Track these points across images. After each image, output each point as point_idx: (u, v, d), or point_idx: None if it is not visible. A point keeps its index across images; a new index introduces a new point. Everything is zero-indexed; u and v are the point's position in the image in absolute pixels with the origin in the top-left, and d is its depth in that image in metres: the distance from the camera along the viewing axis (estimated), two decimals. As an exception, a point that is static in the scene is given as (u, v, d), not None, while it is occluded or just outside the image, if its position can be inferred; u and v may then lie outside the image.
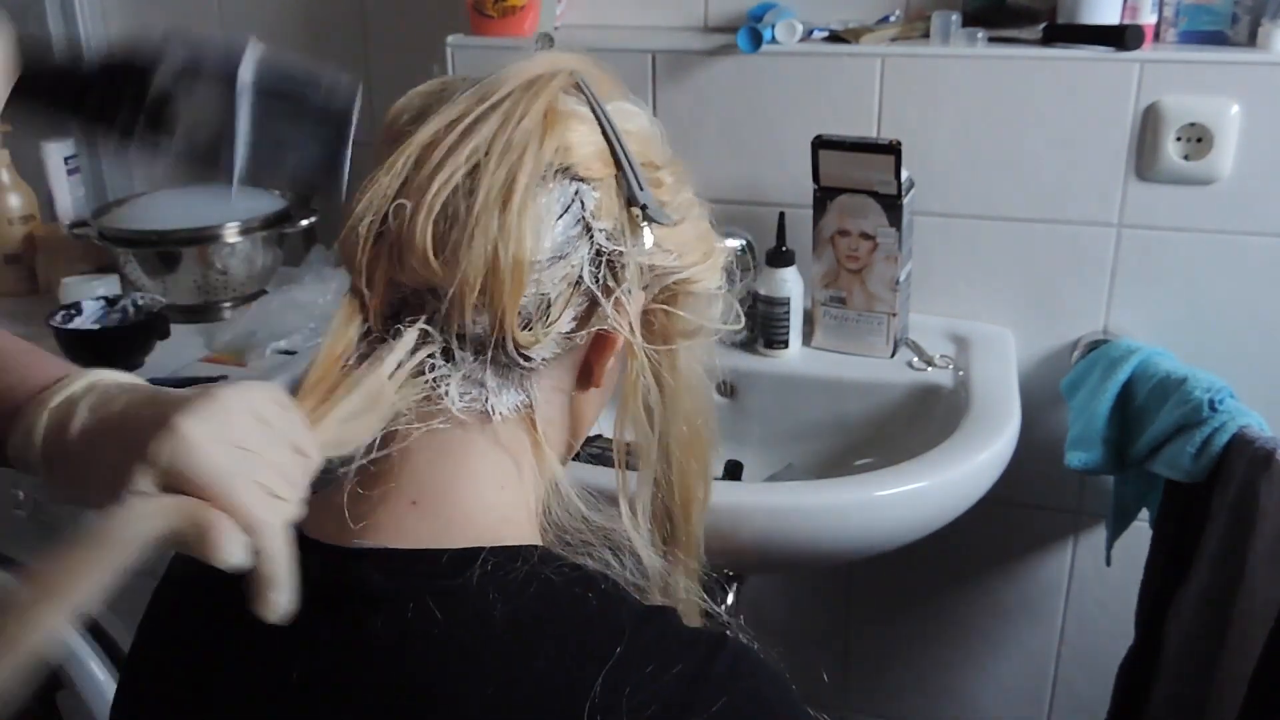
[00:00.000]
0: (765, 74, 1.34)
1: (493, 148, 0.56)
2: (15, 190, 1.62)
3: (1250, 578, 1.09)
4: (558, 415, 0.63)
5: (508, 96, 0.58)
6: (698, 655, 0.54)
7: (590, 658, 0.52)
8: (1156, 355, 1.25)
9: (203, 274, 1.47)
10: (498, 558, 0.55)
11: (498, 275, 0.55)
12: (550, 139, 0.57)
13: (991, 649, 1.57)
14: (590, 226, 0.58)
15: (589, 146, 0.58)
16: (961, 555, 1.50)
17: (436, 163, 0.56)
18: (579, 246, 0.58)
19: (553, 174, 0.57)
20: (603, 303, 0.59)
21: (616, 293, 0.60)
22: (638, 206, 0.59)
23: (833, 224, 1.30)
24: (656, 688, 0.52)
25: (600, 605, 0.55)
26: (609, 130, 0.59)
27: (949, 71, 1.29)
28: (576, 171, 0.57)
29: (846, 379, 1.32)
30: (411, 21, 1.54)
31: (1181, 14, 1.25)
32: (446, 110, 0.58)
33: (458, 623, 0.54)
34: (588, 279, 0.59)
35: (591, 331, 0.60)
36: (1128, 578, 1.29)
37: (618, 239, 0.59)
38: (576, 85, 0.60)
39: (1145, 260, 1.30)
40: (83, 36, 1.68)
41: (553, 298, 0.58)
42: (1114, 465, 1.26)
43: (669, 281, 0.64)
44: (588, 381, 0.63)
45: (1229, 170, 1.24)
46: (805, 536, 1.09)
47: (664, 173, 0.63)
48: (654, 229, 0.61)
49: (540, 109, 0.57)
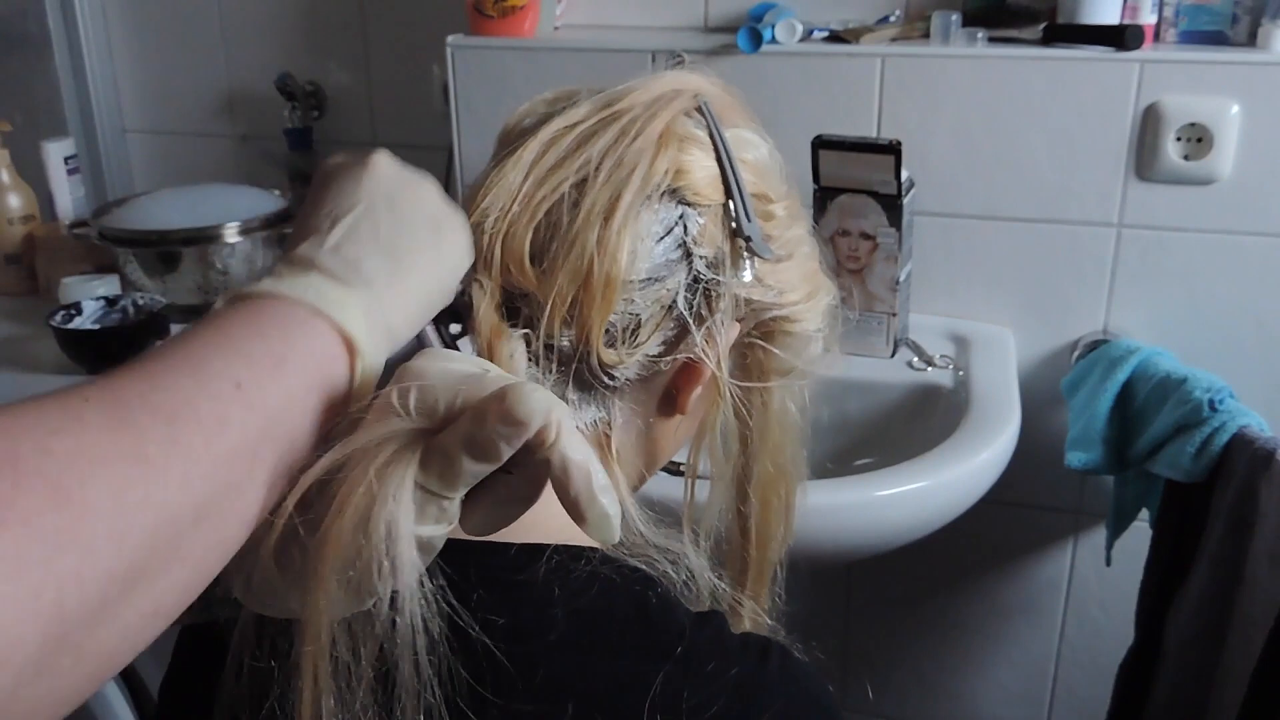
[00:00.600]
0: (765, 74, 1.34)
1: (604, 162, 0.56)
2: (15, 190, 1.62)
3: (1250, 578, 1.09)
4: (634, 438, 0.63)
5: (627, 111, 0.58)
6: (752, 658, 0.55)
7: (651, 655, 0.53)
8: (1156, 355, 1.25)
9: (203, 274, 1.47)
10: (561, 555, 0.56)
11: (589, 290, 0.55)
12: (662, 159, 0.56)
13: (991, 649, 1.57)
14: (691, 252, 0.58)
15: (701, 171, 0.58)
16: (961, 555, 1.50)
17: (549, 168, 0.56)
18: (676, 270, 0.57)
19: (659, 194, 0.56)
20: (693, 330, 0.59)
21: (708, 322, 0.59)
22: (742, 238, 0.58)
23: (833, 224, 1.30)
24: (715, 689, 0.52)
25: (660, 605, 0.56)
26: (723, 156, 0.58)
27: (949, 71, 1.29)
28: (684, 195, 0.57)
29: (846, 379, 1.32)
30: (411, 21, 1.54)
31: (1181, 14, 1.25)
32: (570, 113, 0.58)
33: (521, 613, 0.54)
34: (681, 304, 0.58)
35: (678, 359, 0.60)
36: (1128, 578, 1.29)
37: (718, 268, 0.58)
38: (699, 109, 0.59)
39: (1145, 260, 1.30)
40: (83, 36, 1.68)
41: (643, 319, 0.57)
42: (1114, 465, 1.26)
43: (766, 318, 0.63)
44: (671, 409, 0.62)
45: (1229, 170, 1.24)
46: (805, 536, 1.08)
47: (777, 207, 0.62)
48: (756, 263, 0.60)
49: (657, 128, 0.57)
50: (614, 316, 0.56)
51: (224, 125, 1.72)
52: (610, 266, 0.55)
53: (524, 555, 0.56)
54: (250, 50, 1.66)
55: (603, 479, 0.45)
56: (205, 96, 1.71)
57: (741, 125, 0.62)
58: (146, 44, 1.72)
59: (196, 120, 1.73)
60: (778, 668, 0.55)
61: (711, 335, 0.59)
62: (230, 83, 1.70)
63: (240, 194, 1.55)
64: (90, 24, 1.70)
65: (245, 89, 1.69)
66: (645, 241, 0.56)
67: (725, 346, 0.60)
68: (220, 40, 1.68)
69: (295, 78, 1.62)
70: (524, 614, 0.54)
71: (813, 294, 0.65)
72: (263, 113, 1.67)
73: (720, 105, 0.60)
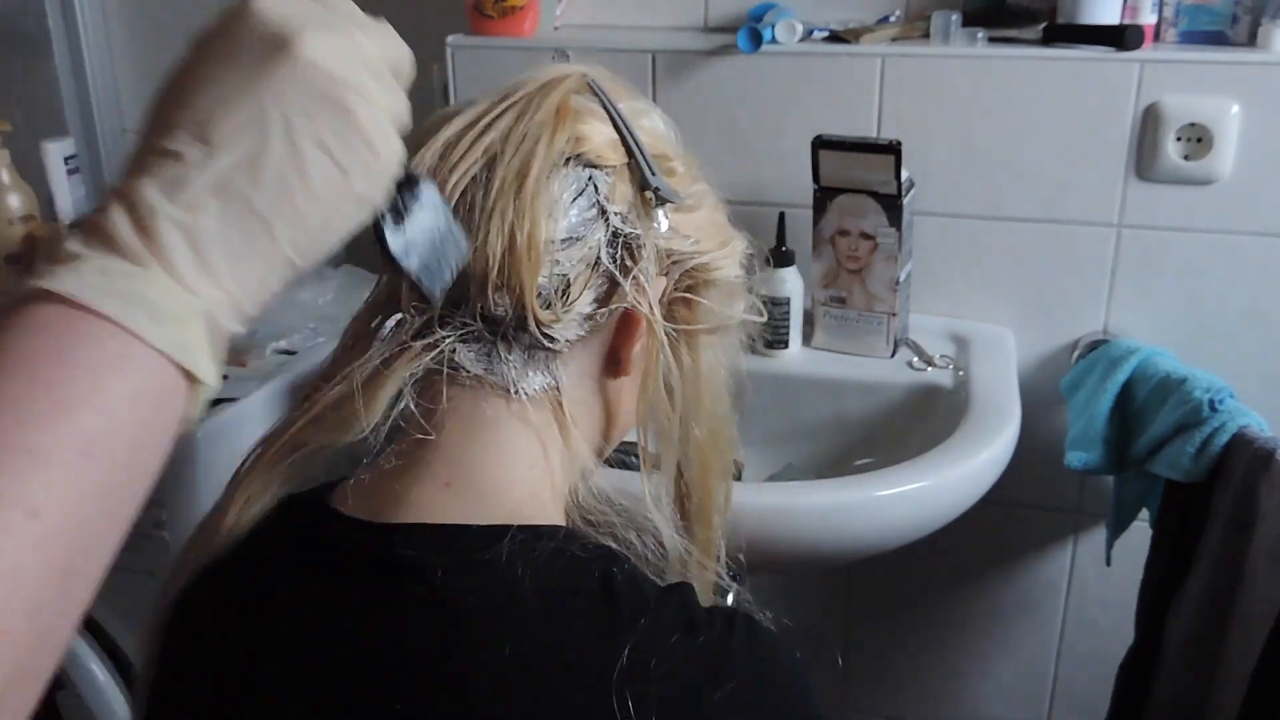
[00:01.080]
0: (765, 74, 1.34)
1: (508, 142, 0.59)
2: (15, 190, 1.62)
3: (1250, 578, 1.09)
4: (587, 398, 0.65)
5: (522, 97, 0.61)
6: (717, 628, 0.56)
7: (616, 629, 0.54)
8: (1156, 355, 1.25)
9: (203, 274, 1.47)
10: (525, 534, 0.57)
11: (514, 254, 0.57)
12: (562, 130, 0.59)
13: (991, 649, 1.57)
14: (605, 210, 0.60)
15: (600, 136, 0.61)
16: (961, 555, 1.50)
17: (456, 160, 0.59)
18: (595, 229, 0.60)
19: (565, 162, 0.59)
20: (621, 281, 0.61)
21: (634, 271, 0.61)
22: (650, 190, 0.61)
23: (833, 224, 1.30)
24: (680, 658, 0.53)
25: (624, 579, 0.57)
26: (619, 121, 0.62)
27: (949, 71, 1.28)
28: (589, 158, 0.60)
29: (846, 379, 1.32)
30: (411, 21, 1.53)
31: (1181, 14, 1.25)
32: (467, 111, 0.61)
33: (487, 594, 0.55)
34: (605, 260, 0.61)
35: (614, 310, 0.62)
36: (1128, 578, 1.29)
37: (633, 222, 0.61)
38: (588, 86, 0.63)
39: (1145, 260, 1.30)
40: (83, 36, 1.68)
41: (571, 278, 0.60)
42: (1114, 465, 1.26)
43: (689, 267, 0.66)
44: (616, 368, 0.64)
45: (1229, 170, 1.24)
46: (805, 536, 1.09)
47: (676, 164, 0.65)
48: (669, 214, 0.63)
49: (553, 104, 0.60)
50: (543, 280, 0.59)
51: (224, 125, 1.72)
52: (532, 229, 0.57)
53: (487, 535, 0.57)
54: (250, 50, 1.66)
55: None
56: (205, 96, 1.71)
57: (633, 99, 0.65)
58: (146, 44, 1.72)
59: (196, 120, 1.73)
60: (744, 636, 0.56)
61: (640, 284, 0.62)
62: (230, 83, 1.70)
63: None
64: (90, 24, 1.70)
65: (245, 89, 1.69)
66: (560, 203, 0.59)
67: (655, 297, 0.63)
68: (220, 40, 1.68)
69: (295, 78, 1.62)
70: (490, 592, 0.55)
71: (726, 241, 0.68)
72: (263, 113, 1.66)
73: (608, 84, 0.64)
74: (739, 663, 0.55)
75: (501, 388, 0.61)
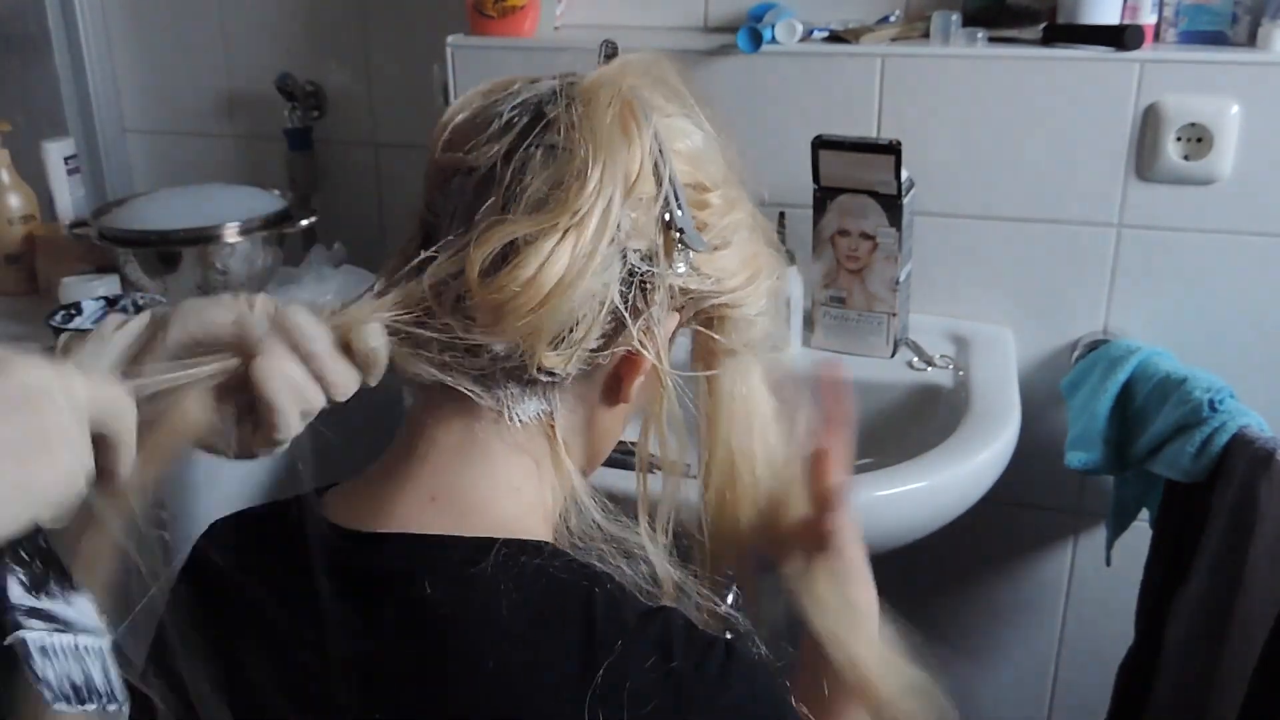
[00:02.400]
0: (765, 74, 1.34)
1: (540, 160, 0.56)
2: (15, 190, 1.62)
3: (1250, 578, 1.09)
4: (580, 425, 0.63)
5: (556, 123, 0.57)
6: (695, 653, 0.55)
7: (594, 649, 0.53)
8: (1156, 355, 1.25)
9: (203, 274, 1.47)
10: (510, 549, 0.56)
11: (529, 292, 0.55)
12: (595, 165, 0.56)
13: (991, 649, 1.57)
14: (624, 246, 0.57)
15: (633, 165, 0.57)
16: (961, 555, 1.50)
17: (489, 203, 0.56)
18: (611, 266, 0.57)
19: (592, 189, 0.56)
20: (629, 324, 0.58)
21: (645, 314, 0.59)
22: (675, 230, 0.58)
23: (833, 224, 1.30)
24: (654, 682, 0.53)
25: (606, 600, 0.56)
26: (653, 149, 0.58)
27: (949, 71, 1.28)
28: (615, 190, 0.56)
29: (846, 379, 1.32)
30: (411, 21, 1.54)
31: (1181, 14, 1.25)
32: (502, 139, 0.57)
33: (467, 607, 0.55)
34: (616, 299, 0.58)
35: (617, 352, 0.60)
36: (1128, 578, 1.29)
37: (652, 260, 0.58)
38: (628, 102, 0.59)
39: (1145, 260, 1.30)
40: (83, 36, 1.68)
41: (579, 317, 0.57)
42: (1114, 465, 1.26)
43: (706, 305, 0.63)
44: (614, 398, 0.63)
45: (1229, 170, 1.24)
46: (805, 536, 1.09)
47: (713, 195, 0.62)
48: (692, 253, 0.60)
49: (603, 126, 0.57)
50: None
51: (224, 125, 1.72)
52: (564, 272, 0.54)
53: (471, 548, 0.56)
54: (250, 50, 1.66)
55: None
56: (205, 96, 1.71)
57: (676, 113, 0.62)
58: (146, 44, 1.72)
59: (196, 120, 1.73)
60: (719, 664, 0.55)
61: (649, 327, 0.59)
62: (230, 83, 1.70)
63: (240, 194, 1.55)
64: (90, 24, 1.70)
65: (245, 89, 1.69)
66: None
67: (665, 337, 0.61)
68: (220, 40, 1.68)
69: (295, 78, 1.62)
70: (473, 606, 0.55)
71: (753, 278, 0.65)
72: (263, 113, 1.67)
73: (656, 91, 0.61)
74: (712, 691, 0.54)
75: (495, 410, 0.59)
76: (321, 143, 1.65)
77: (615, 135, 0.57)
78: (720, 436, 0.68)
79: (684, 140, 0.61)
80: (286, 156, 1.65)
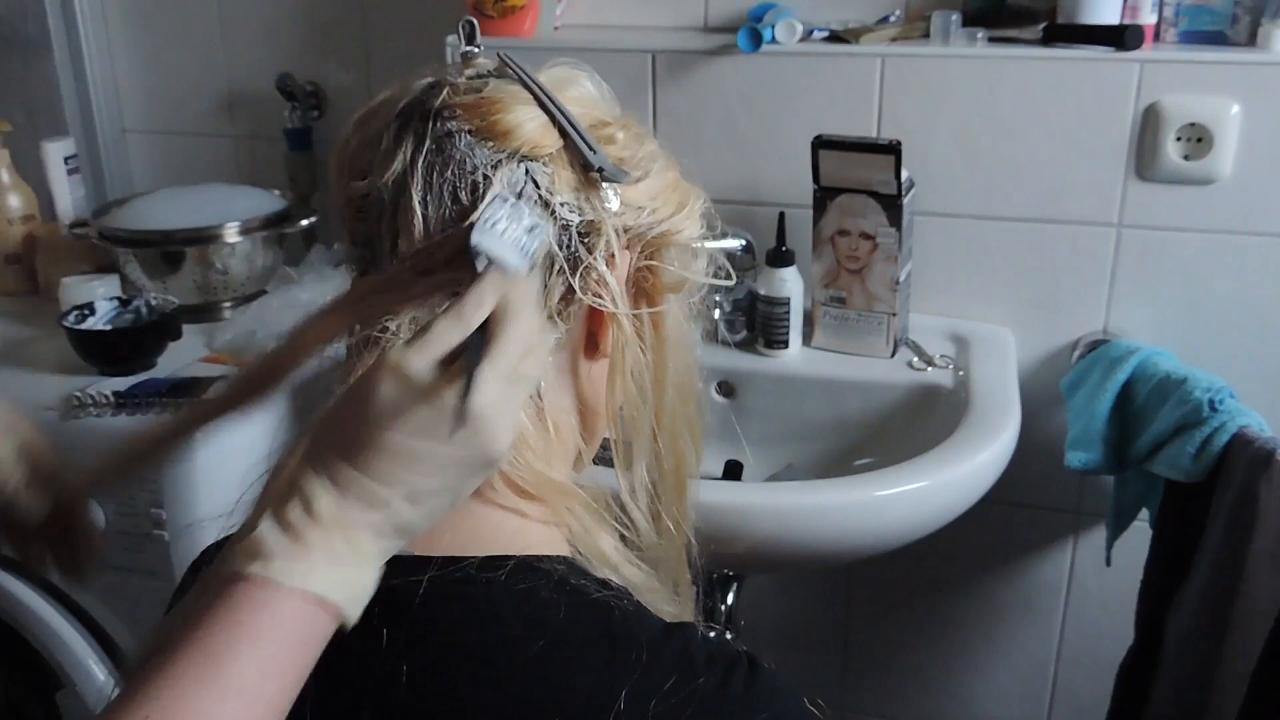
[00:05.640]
0: (765, 74, 1.34)
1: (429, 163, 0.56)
2: (15, 190, 1.62)
3: (1250, 578, 1.09)
4: (566, 401, 0.62)
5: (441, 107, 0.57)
6: (718, 672, 0.54)
7: (614, 669, 0.52)
8: (1156, 355, 1.25)
9: (203, 274, 1.47)
10: (522, 567, 0.55)
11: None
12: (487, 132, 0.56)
13: (991, 649, 1.57)
14: (549, 203, 0.57)
15: (532, 123, 0.57)
16: (961, 555, 1.50)
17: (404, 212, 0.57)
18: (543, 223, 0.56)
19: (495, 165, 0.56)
20: (572, 280, 0.58)
21: (589, 262, 0.58)
22: (594, 170, 0.58)
23: (833, 224, 1.30)
24: (678, 702, 0.52)
25: (624, 618, 0.55)
26: (546, 99, 0.58)
27: (949, 71, 1.28)
28: (523, 152, 0.57)
29: (846, 379, 1.32)
30: (411, 21, 1.54)
31: (1181, 14, 1.25)
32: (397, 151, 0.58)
33: (480, 628, 0.54)
34: (559, 255, 0.58)
35: (579, 308, 0.60)
36: (1128, 578, 1.29)
37: (581, 209, 0.58)
38: (504, 61, 0.60)
39: (1145, 260, 1.30)
40: (83, 36, 1.68)
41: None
42: (1114, 465, 1.26)
43: (650, 237, 0.62)
44: (594, 354, 0.62)
45: (1229, 170, 1.24)
46: (805, 536, 1.09)
47: (614, 129, 0.61)
48: (618, 188, 0.59)
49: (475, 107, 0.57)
50: None
51: (224, 125, 1.72)
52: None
53: (486, 567, 0.55)
54: (250, 50, 1.66)
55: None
56: (205, 96, 1.71)
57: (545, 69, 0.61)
58: (146, 44, 1.72)
59: (196, 120, 1.73)
60: (743, 682, 0.54)
61: (597, 274, 0.59)
62: (230, 83, 1.70)
63: (240, 194, 1.55)
64: (90, 24, 1.70)
65: (245, 89, 1.69)
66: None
67: (622, 277, 0.60)
68: (220, 40, 1.68)
69: (295, 78, 1.62)
70: (488, 629, 0.54)
71: (683, 203, 0.64)
72: (263, 113, 1.67)
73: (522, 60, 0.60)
74: (737, 708, 0.53)
75: None
76: (321, 143, 1.64)
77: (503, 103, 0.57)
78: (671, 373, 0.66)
79: (572, 87, 0.61)
80: (286, 156, 1.65)
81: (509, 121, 0.57)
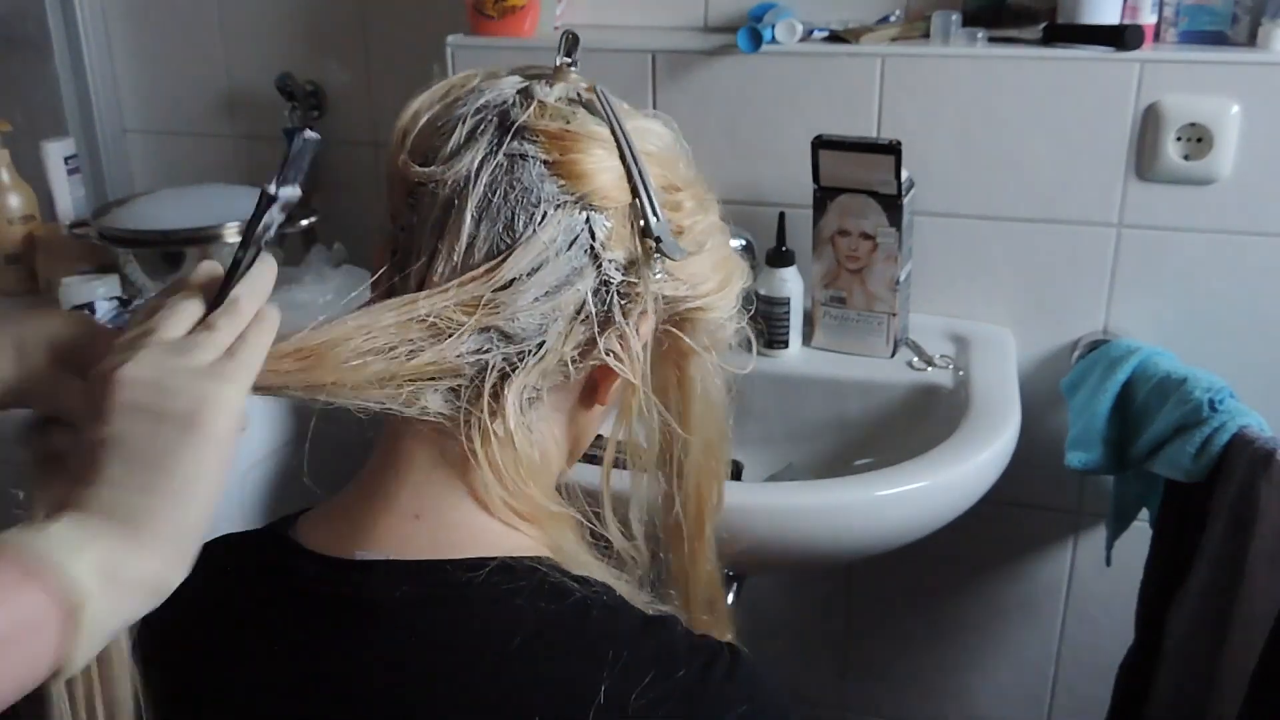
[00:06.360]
0: (765, 74, 1.34)
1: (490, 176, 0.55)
2: (15, 190, 1.62)
3: (1250, 578, 1.09)
4: (557, 433, 0.62)
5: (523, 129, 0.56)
6: (698, 663, 0.54)
7: (594, 664, 0.52)
8: (1156, 355, 1.25)
9: (203, 274, 1.47)
10: (503, 567, 0.55)
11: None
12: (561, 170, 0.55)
13: (991, 649, 1.57)
14: (599, 256, 0.56)
15: (606, 174, 0.56)
16: (961, 555, 1.50)
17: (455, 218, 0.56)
18: (584, 276, 0.56)
19: (559, 206, 0.55)
20: (598, 338, 0.57)
21: (621, 325, 0.57)
22: (651, 239, 0.57)
23: (833, 224, 1.30)
24: (658, 695, 0.52)
25: (603, 614, 0.55)
26: (627, 153, 0.56)
27: (949, 71, 1.28)
28: (590, 200, 0.55)
29: (846, 379, 1.32)
30: (411, 21, 1.54)
31: (1181, 14, 1.25)
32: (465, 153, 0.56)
33: (462, 630, 0.54)
34: (591, 308, 0.57)
35: (593, 364, 0.59)
36: (1128, 578, 1.29)
37: (628, 269, 0.57)
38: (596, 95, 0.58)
39: (1145, 260, 1.30)
40: (83, 36, 1.68)
41: (550, 327, 0.56)
42: (1114, 465, 1.26)
43: (680, 309, 0.62)
44: (592, 399, 0.62)
45: (1229, 170, 1.24)
46: (805, 536, 1.09)
47: (684, 195, 0.60)
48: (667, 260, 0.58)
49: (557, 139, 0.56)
50: (519, 328, 0.56)
51: (224, 125, 1.72)
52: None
53: (463, 569, 0.55)
54: (250, 50, 1.66)
55: None
56: (205, 96, 1.71)
57: (636, 113, 0.60)
58: (146, 44, 1.72)
59: (196, 120, 1.73)
60: (724, 673, 0.54)
61: (624, 337, 0.58)
62: (230, 83, 1.70)
63: (240, 194, 1.55)
64: (90, 24, 1.69)
65: (245, 89, 1.69)
66: (548, 253, 0.55)
67: (641, 340, 0.59)
68: (220, 40, 1.68)
69: (295, 78, 1.62)
70: (469, 631, 0.54)
71: (726, 281, 0.64)
72: (263, 113, 1.67)
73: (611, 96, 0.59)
74: (716, 701, 0.53)
75: (468, 426, 0.57)
76: (321, 143, 1.64)
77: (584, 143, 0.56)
78: (695, 429, 0.67)
79: (654, 141, 0.60)
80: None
81: (586, 165, 0.55)
